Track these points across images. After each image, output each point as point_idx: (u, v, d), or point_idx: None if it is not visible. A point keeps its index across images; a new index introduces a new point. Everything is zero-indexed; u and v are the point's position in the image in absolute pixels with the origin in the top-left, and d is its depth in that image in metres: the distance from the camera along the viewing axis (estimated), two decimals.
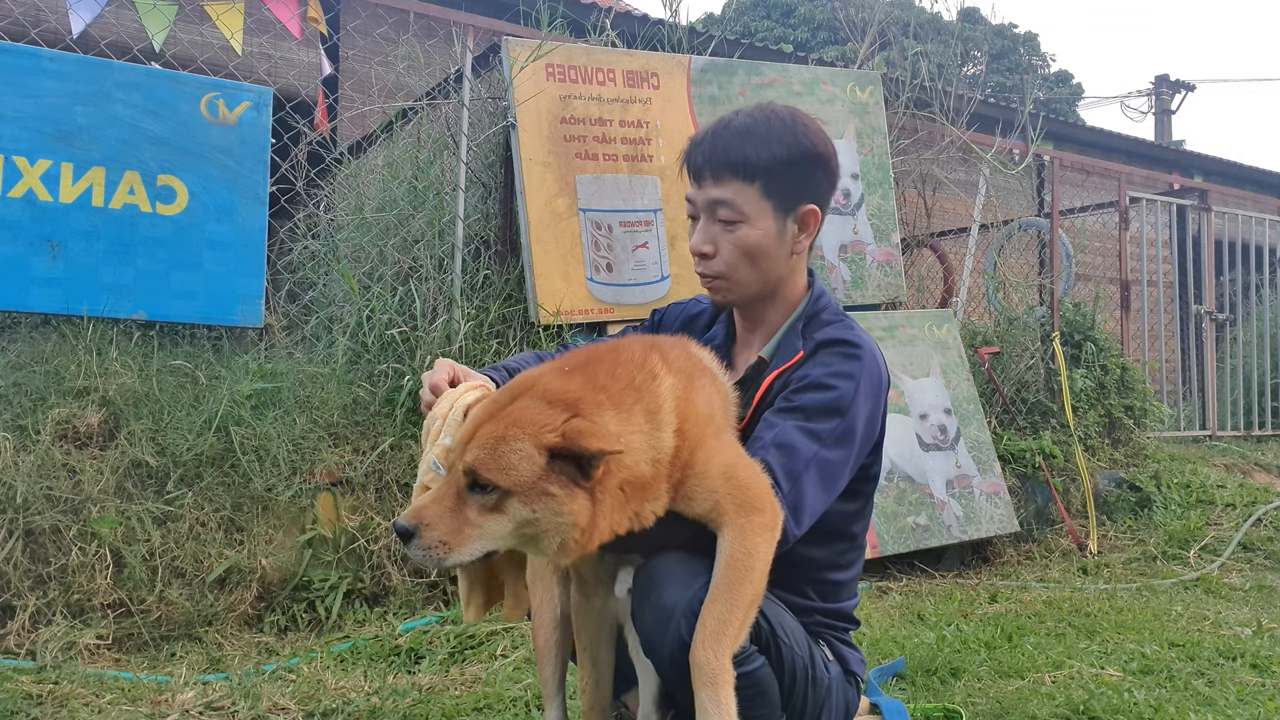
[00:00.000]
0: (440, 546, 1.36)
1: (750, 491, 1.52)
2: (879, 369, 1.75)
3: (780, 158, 1.74)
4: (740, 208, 1.74)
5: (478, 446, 1.36)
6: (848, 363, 1.70)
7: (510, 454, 1.35)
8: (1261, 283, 8.00)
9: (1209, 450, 6.87)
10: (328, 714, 2.47)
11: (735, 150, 1.73)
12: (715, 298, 1.85)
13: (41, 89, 3.55)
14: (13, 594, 2.92)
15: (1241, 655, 3.00)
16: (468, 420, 1.44)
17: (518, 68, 4.13)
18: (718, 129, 1.77)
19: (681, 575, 1.51)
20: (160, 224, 3.71)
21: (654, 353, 1.56)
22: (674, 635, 1.47)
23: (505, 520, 1.37)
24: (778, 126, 1.75)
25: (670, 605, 1.48)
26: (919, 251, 5.74)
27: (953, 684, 2.71)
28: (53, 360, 3.38)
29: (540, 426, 1.36)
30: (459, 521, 1.36)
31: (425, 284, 4.06)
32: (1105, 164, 8.19)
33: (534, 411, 1.38)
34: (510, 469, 1.34)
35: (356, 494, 3.48)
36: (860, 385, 1.69)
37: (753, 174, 1.73)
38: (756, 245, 1.76)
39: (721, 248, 1.77)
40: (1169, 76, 19.93)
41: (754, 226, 1.75)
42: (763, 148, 1.74)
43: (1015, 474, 5.00)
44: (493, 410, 1.41)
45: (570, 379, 1.44)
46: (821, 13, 20.18)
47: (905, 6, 9.72)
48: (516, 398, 1.41)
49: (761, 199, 1.74)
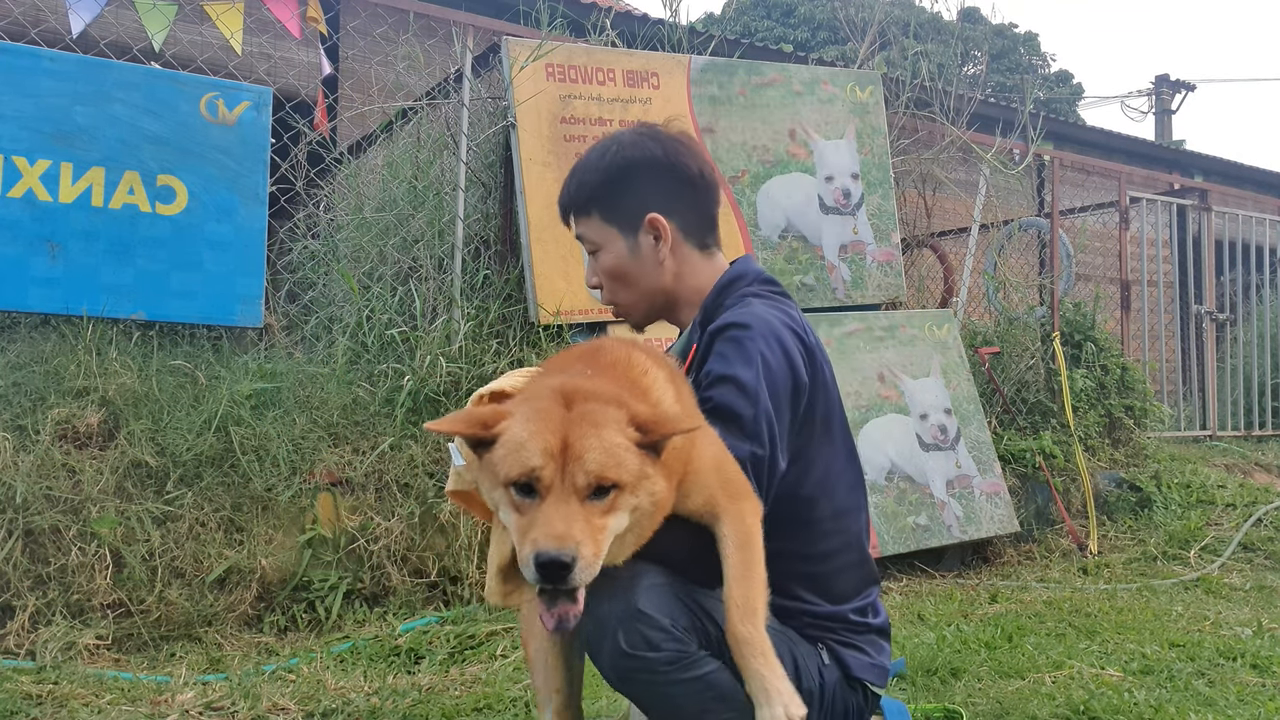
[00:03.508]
0: (594, 561, 1.35)
1: (738, 480, 1.58)
2: (773, 326, 1.72)
3: (595, 183, 1.87)
4: (592, 238, 1.90)
5: (586, 449, 1.34)
6: (739, 346, 1.69)
7: (619, 451, 1.37)
8: (1261, 283, 8.00)
9: (1209, 450, 6.87)
10: (328, 714, 2.47)
11: (570, 191, 1.91)
12: (626, 321, 1.98)
13: (41, 89, 3.55)
14: (13, 594, 2.92)
15: (1242, 655, 3.00)
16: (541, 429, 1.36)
17: (518, 68, 4.13)
18: (566, 179, 1.94)
19: (616, 586, 1.51)
20: (160, 224, 3.71)
21: (636, 350, 1.61)
22: (610, 647, 1.51)
23: (622, 515, 1.40)
24: (594, 155, 1.89)
25: (605, 615, 1.51)
26: (919, 251, 5.73)
27: (953, 684, 2.71)
28: (52, 360, 3.38)
29: (621, 422, 1.39)
30: (594, 528, 1.35)
31: (425, 284, 4.06)
32: (1105, 164, 8.19)
33: (603, 412, 1.39)
34: (624, 464, 1.37)
35: (356, 494, 3.48)
36: (752, 359, 1.67)
37: (586, 207, 1.88)
38: (615, 268, 1.88)
39: (602, 278, 1.92)
40: (1169, 76, 19.94)
41: (607, 251, 1.88)
42: (582, 181, 1.89)
43: (1015, 474, 5.00)
44: (562, 418, 1.37)
45: (596, 381, 1.46)
46: (821, 13, 20.18)
47: (905, 6, 9.72)
48: (570, 403, 1.39)
49: (603, 225, 1.88)
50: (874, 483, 4.31)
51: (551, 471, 1.33)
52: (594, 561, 1.33)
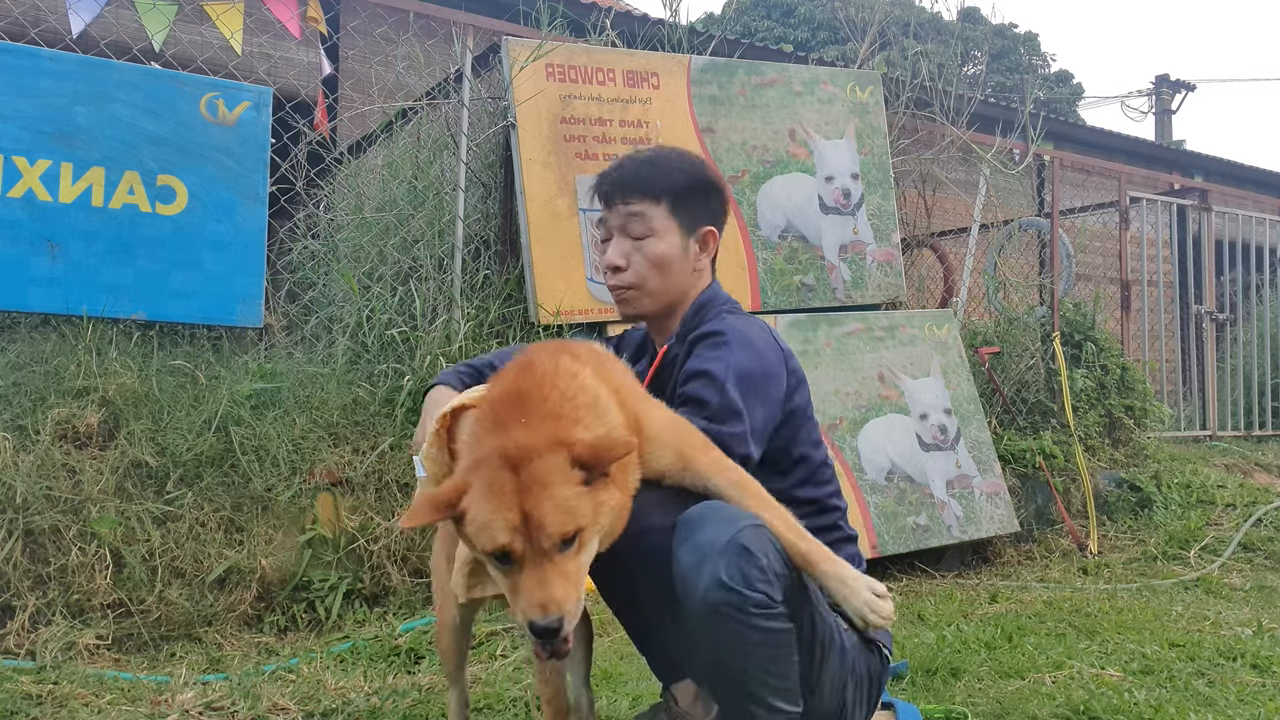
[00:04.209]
0: (577, 604, 1.46)
1: (699, 434, 1.71)
2: (751, 344, 1.87)
3: (681, 182, 1.99)
4: (650, 222, 1.97)
5: (543, 516, 1.44)
6: (716, 350, 1.85)
7: (572, 502, 1.47)
8: (1261, 283, 8.00)
9: (1209, 450, 6.87)
10: (328, 714, 2.47)
11: (643, 174, 1.98)
12: (626, 310, 2.03)
13: (41, 89, 3.55)
14: (13, 594, 2.92)
15: (1242, 655, 3.00)
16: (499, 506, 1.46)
17: (518, 68, 4.13)
18: (624, 161, 2.03)
19: (720, 517, 1.59)
20: (160, 224, 3.71)
21: (562, 355, 1.68)
22: (710, 572, 1.54)
23: (590, 548, 1.52)
24: (676, 158, 2.02)
25: (709, 543, 1.55)
26: (919, 251, 5.73)
27: (953, 684, 2.71)
28: (52, 360, 3.38)
29: (565, 470, 1.48)
30: (571, 579, 1.46)
31: (425, 284, 4.06)
32: (1105, 164, 8.20)
33: (548, 468, 1.47)
34: (580, 512, 1.48)
35: (356, 494, 3.48)
36: (730, 363, 1.82)
37: (659, 194, 1.97)
38: (663, 257, 1.97)
39: (633, 260, 1.98)
40: (1169, 76, 19.93)
41: (661, 240, 1.97)
42: (665, 173, 1.99)
43: (1015, 474, 5.00)
44: (514, 486, 1.46)
45: (532, 427, 1.52)
46: (821, 13, 20.18)
47: (905, 6, 9.71)
48: (516, 467, 1.47)
49: (668, 216, 1.98)
50: (874, 483, 4.31)
51: (520, 543, 1.44)
52: (577, 606, 1.46)
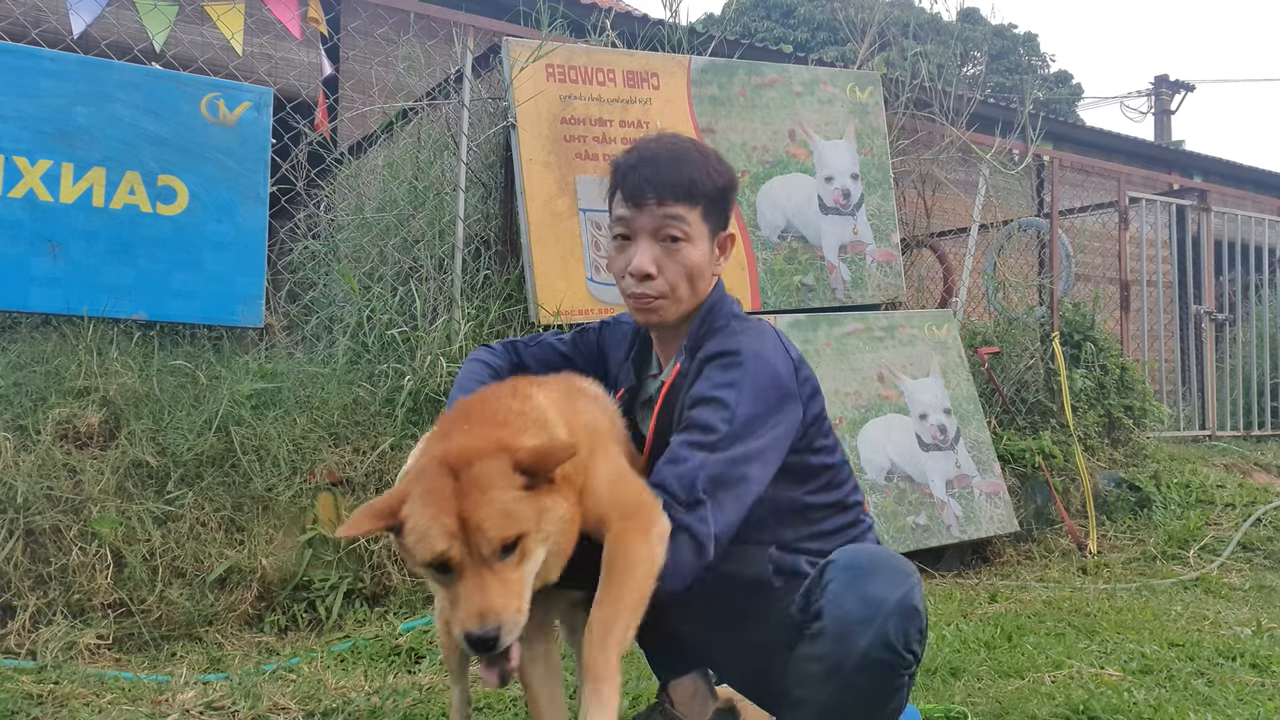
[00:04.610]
0: (518, 615, 1.40)
1: (631, 499, 1.59)
2: (765, 366, 1.75)
3: (718, 184, 1.83)
4: (687, 228, 1.80)
5: (481, 519, 1.39)
6: (728, 372, 1.72)
7: (511, 505, 1.41)
8: (1261, 283, 8.00)
9: (1209, 450, 6.87)
10: (328, 714, 2.47)
11: (681, 174, 1.79)
12: (650, 318, 1.86)
13: (42, 89, 3.56)
14: (13, 594, 2.92)
15: (1241, 655, 3.00)
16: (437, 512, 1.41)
17: (518, 68, 4.13)
18: (649, 155, 1.83)
19: (891, 570, 1.56)
20: (160, 224, 3.71)
21: (520, 381, 1.65)
22: (878, 630, 1.50)
23: (536, 554, 1.45)
24: (707, 155, 1.85)
25: (881, 599, 1.52)
26: (919, 251, 5.74)
27: (952, 684, 2.71)
28: (53, 360, 3.38)
29: (506, 473, 1.43)
30: (511, 587, 1.40)
31: (425, 284, 4.07)
32: (1105, 164, 8.20)
33: (487, 471, 1.43)
34: (520, 516, 1.42)
35: (356, 494, 3.48)
36: (742, 391, 1.70)
37: (697, 197, 1.80)
38: (697, 265, 1.81)
39: (666, 267, 1.80)
40: (1169, 77, 19.93)
41: (695, 246, 1.81)
42: (702, 173, 1.81)
43: (1015, 474, 5.00)
44: (452, 491, 1.41)
45: (475, 433, 1.49)
46: (821, 13, 20.18)
47: (905, 6, 9.71)
48: (455, 472, 1.42)
49: (702, 221, 1.81)
50: (874, 483, 4.31)
51: (458, 550, 1.38)
52: (518, 616, 1.40)
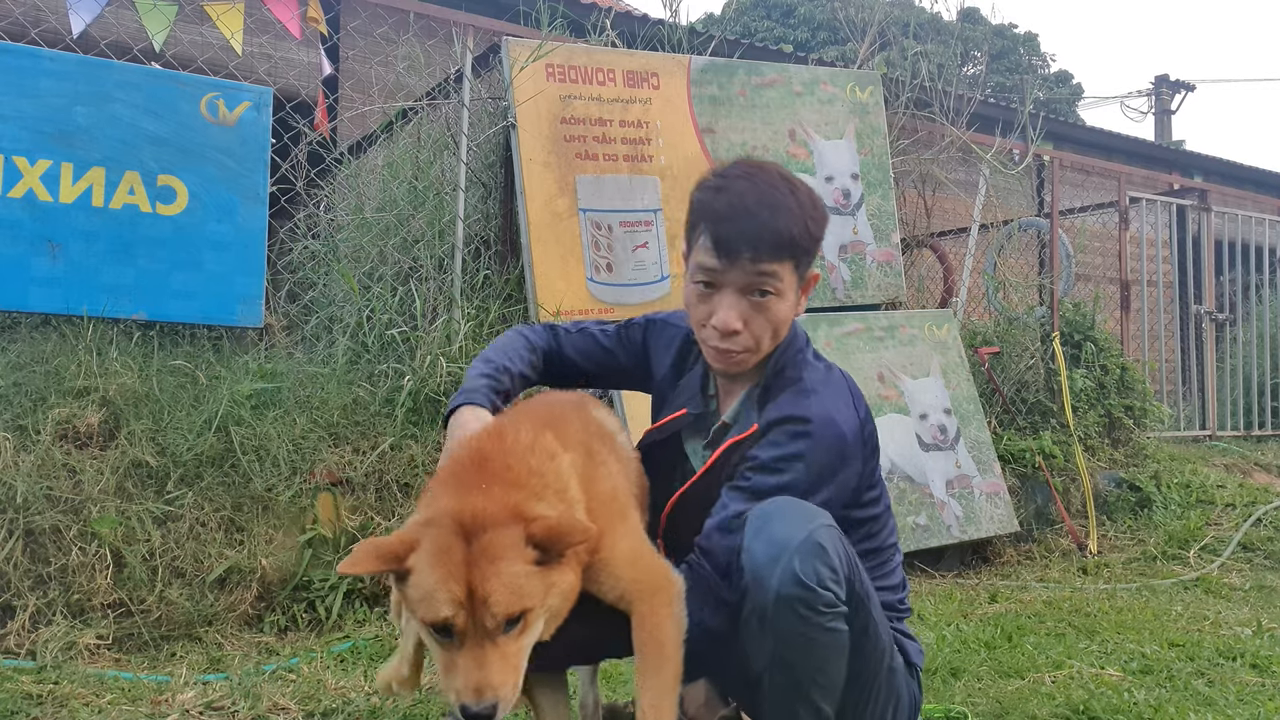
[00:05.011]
0: (514, 691, 1.40)
1: (652, 574, 1.62)
2: (835, 435, 1.73)
3: (814, 236, 1.75)
4: (779, 284, 1.72)
5: (489, 593, 1.37)
6: (795, 442, 1.70)
7: (521, 582, 1.40)
8: (1261, 283, 8.00)
9: (1209, 450, 6.87)
10: (328, 714, 2.47)
11: (780, 230, 1.70)
12: (728, 367, 1.79)
13: (41, 89, 3.55)
14: (13, 594, 2.92)
15: (1241, 655, 3.00)
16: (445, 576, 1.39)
17: (518, 68, 4.13)
18: (742, 206, 1.70)
19: (796, 514, 1.57)
20: (160, 224, 3.71)
21: (546, 432, 1.59)
22: (785, 567, 1.52)
23: (535, 629, 1.45)
24: (803, 202, 1.73)
25: (785, 538, 1.53)
26: (919, 251, 5.74)
27: (953, 684, 2.71)
28: (53, 360, 3.38)
29: (519, 546, 1.41)
30: (510, 661, 1.40)
31: (425, 284, 4.07)
32: (1105, 164, 8.20)
33: (501, 542, 1.41)
34: (528, 593, 1.41)
35: (356, 494, 3.48)
36: (810, 464, 1.69)
37: (790, 251, 1.72)
38: (784, 318, 1.76)
39: (752, 323, 1.73)
40: (1169, 76, 19.94)
41: (784, 300, 1.74)
42: (800, 227, 1.72)
43: (1015, 474, 5.00)
44: (463, 557, 1.39)
45: (491, 495, 1.46)
46: (821, 13, 20.18)
47: (905, 6, 9.71)
48: (468, 536, 1.40)
49: (792, 273, 1.74)
50: None
51: (462, 619, 1.37)
52: (515, 692, 1.40)
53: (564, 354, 2.04)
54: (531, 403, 1.89)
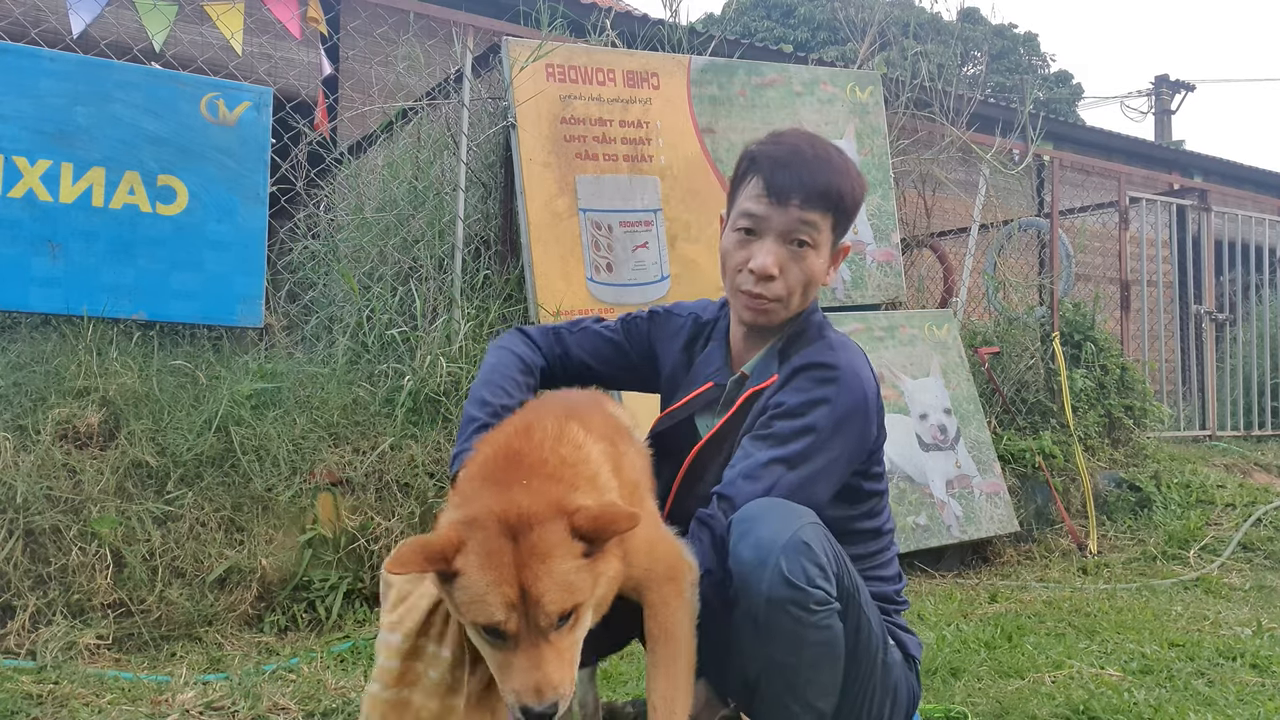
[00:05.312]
0: (571, 685, 1.40)
1: (666, 561, 1.61)
2: (860, 387, 1.76)
3: (856, 198, 1.80)
4: (817, 236, 1.77)
5: (542, 593, 1.36)
6: (822, 387, 1.72)
7: (572, 578, 1.39)
8: (1261, 283, 8.00)
9: (1209, 450, 6.87)
10: (328, 714, 2.47)
11: (831, 180, 1.75)
12: (759, 319, 1.82)
13: (41, 89, 3.55)
14: (13, 594, 2.92)
15: (1241, 655, 3.00)
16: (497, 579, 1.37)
17: (518, 68, 4.13)
18: (797, 153, 1.77)
19: (779, 514, 1.57)
20: (160, 224, 3.71)
21: (572, 422, 1.59)
22: (773, 569, 1.52)
23: (585, 622, 1.45)
24: (849, 165, 1.80)
25: (770, 540, 1.53)
26: (919, 251, 5.74)
27: (953, 684, 2.71)
28: (53, 360, 3.38)
29: (566, 541, 1.40)
30: (565, 657, 1.40)
31: (425, 284, 4.07)
32: (1105, 164, 8.20)
33: (548, 538, 1.39)
34: (579, 588, 1.40)
35: (356, 494, 3.48)
36: (835, 408, 1.72)
37: (834, 206, 1.76)
38: (817, 274, 1.80)
39: (789, 272, 1.77)
40: (1169, 76, 19.94)
41: (819, 255, 1.78)
42: (845, 182, 1.76)
43: (1015, 474, 5.00)
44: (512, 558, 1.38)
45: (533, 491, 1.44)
46: (821, 13, 20.18)
47: (905, 6, 9.71)
48: (515, 535, 1.39)
49: (830, 231, 1.78)
50: None
51: (515, 620, 1.36)
52: (572, 687, 1.40)
53: (571, 355, 2.00)
54: (548, 398, 1.86)
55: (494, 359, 1.92)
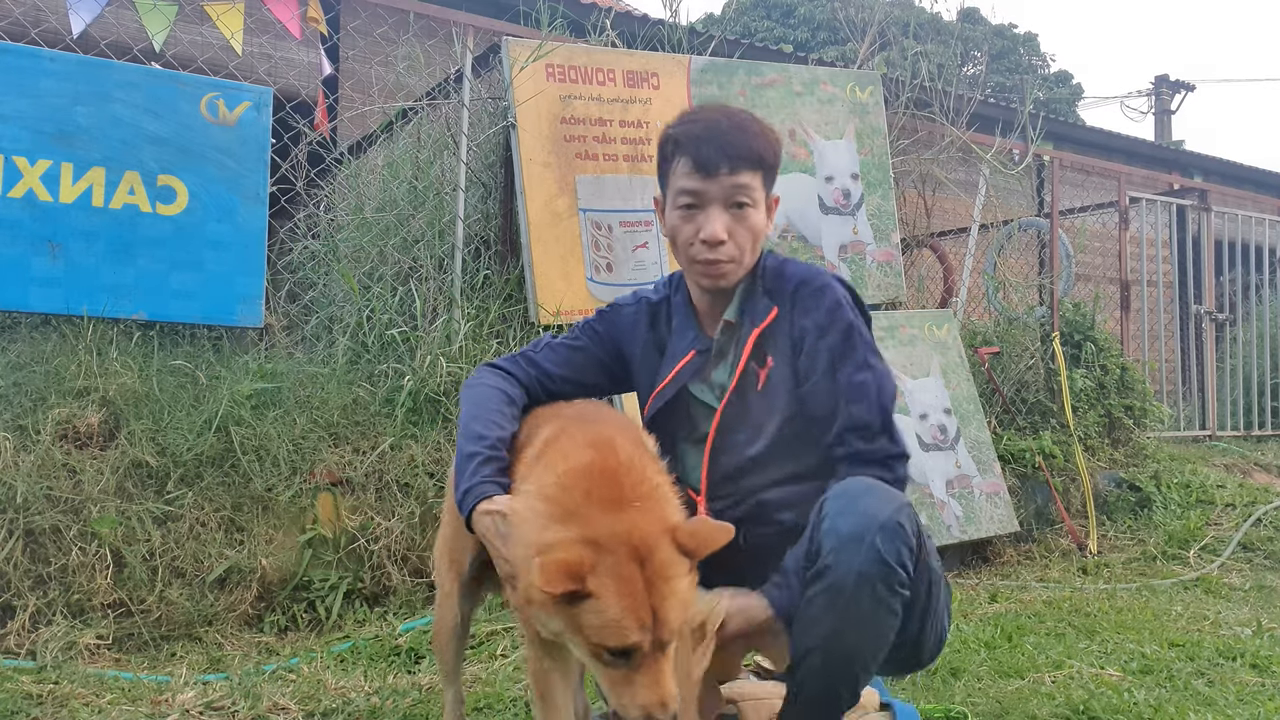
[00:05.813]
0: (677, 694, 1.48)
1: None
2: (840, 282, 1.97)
3: (775, 152, 1.95)
4: (755, 195, 1.91)
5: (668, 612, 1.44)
6: (825, 294, 1.91)
7: (687, 596, 1.48)
8: (1261, 283, 8.00)
9: (1209, 450, 6.87)
10: (328, 714, 2.47)
11: (750, 145, 1.90)
12: (719, 282, 1.94)
13: (41, 89, 3.55)
14: (13, 594, 2.92)
15: (1241, 655, 3.00)
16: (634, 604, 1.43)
17: (518, 68, 4.13)
18: (714, 127, 1.91)
19: (880, 493, 1.67)
20: (160, 224, 3.71)
21: (639, 453, 1.66)
22: (869, 544, 1.59)
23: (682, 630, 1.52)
24: (762, 124, 1.96)
25: (872, 514, 1.61)
26: (919, 251, 5.74)
27: (952, 684, 2.71)
28: (53, 360, 3.38)
29: (680, 560, 1.48)
30: (672, 668, 1.47)
31: (425, 284, 4.07)
32: (1105, 164, 8.20)
33: (670, 562, 1.47)
34: (690, 603, 1.50)
35: (356, 494, 3.48)
36: (845, 302, 1.93)
37: (760, 164, 1.91)
38: (760, 229, 1.94)
39: (736, 233, 1.90)
40: (1169, 76, 19.94)
41: (759, 210, 1.93)
42: (763, 143, 1.92)
43: (1015, 474, 5.00)
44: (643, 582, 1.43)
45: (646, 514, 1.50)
46: (821, 13, 20.17)
47: (905, 6, 9.72)
48: (641, 559, 1.44)
49: (762, 187, 1.93)
50: None
51: (647, 642, 1.43)
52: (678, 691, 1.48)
53: (550, 373, 2.02)
54: (586, 411, 1.90)
55: (474, 395, 1.94)
